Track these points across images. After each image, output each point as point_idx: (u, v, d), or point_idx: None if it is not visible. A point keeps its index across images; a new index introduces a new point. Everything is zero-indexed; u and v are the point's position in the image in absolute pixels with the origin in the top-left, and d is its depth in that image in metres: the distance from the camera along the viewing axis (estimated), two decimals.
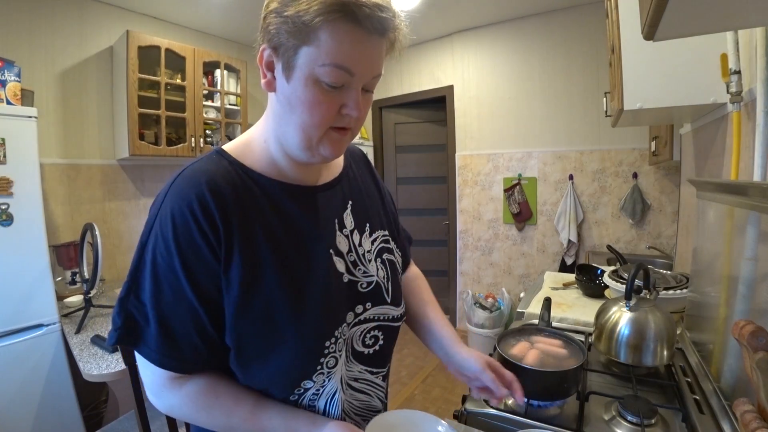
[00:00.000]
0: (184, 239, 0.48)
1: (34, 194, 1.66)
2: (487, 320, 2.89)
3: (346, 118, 0.51)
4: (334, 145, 0.53)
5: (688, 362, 0.98)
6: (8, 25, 1.99)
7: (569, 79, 2.79)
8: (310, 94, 0.48)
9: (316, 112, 0.49)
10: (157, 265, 0.49)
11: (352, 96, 0.49)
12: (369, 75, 0.50)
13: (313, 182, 0.61)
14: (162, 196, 0.51)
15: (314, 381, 0.56)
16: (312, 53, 0.46)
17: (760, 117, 0.86)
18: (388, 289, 0.65)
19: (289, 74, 0.48)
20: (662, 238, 2.56)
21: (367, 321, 0.62)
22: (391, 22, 0.47)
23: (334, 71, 0.47)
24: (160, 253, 0.49)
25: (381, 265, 0.66)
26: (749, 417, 0.48)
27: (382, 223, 0.70)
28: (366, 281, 0.63)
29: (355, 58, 0.47)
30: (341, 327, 0.58)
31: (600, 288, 1.52)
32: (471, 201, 3.29)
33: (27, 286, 1.65)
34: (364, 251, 0.64)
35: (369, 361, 0.64)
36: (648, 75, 1.13)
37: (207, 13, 2.61)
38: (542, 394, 0.80)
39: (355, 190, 0.68)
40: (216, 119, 2.67)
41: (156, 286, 0.49)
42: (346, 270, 0.60)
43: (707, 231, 0.99)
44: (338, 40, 0.45)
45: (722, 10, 0.50)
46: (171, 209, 0.49)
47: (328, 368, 0.56)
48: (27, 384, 1.64)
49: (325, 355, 0.55)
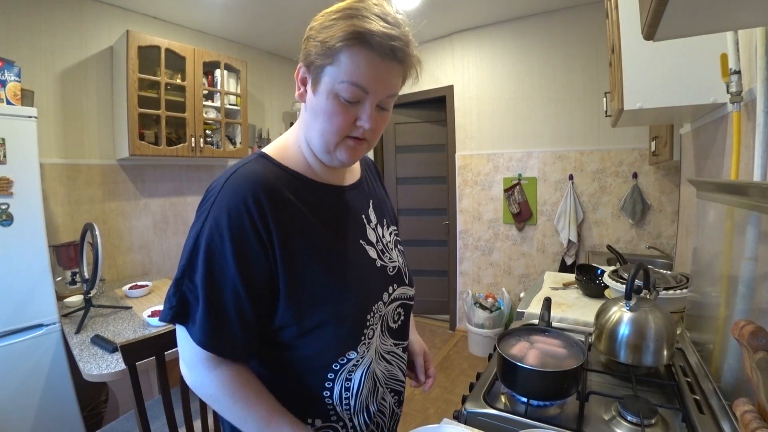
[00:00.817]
0: (238, 230, 0.55)
1: (34, 194, 1.66)
2: (487, 320, 2.89)
3: (360, 129, 0.59)
4: (349, 151, 0.61)
5: (688, 362, 0.99)
6: (8, 25, 1.99)
7: (569, 79, 2.79)
8: (330, 106, 0.57)
9: (335, 121, 0.58)
10: (211, 251, 0.55)
11: (365, 110, 0.58)
12: (382, 93, 0.58)
13: (339, 183, 0.71)
14: (216, 191, 0.57)
15: (358, 352, 0.64)
16: (334, 72, 0.56)
17: (760, 117, 0.87)
18: (405, 272, 0.76)
19: (316, 88, 0.58)
20: (662, 238, 2.56)
21: (395, 300, 0.72)
22: (401, 50, 0.56)
23: (350, 88, 0.56)
24: (214, 240, 0.55)
25: (399, 254, 0.77)
26: (749, 417, 0.48)
27: (392, 220, 0.82)
28: (392, 266, 0.73)
29: (368, 78, 0.56)
30: (378, 304, 0.67)
31: (600, 288, 1.52)
32: (471, 201, 3.29)
33: (27, 286, 1.65)
34: (387, 241, 0.75)
35: (396, 335, 0.73)
36: (648, 75, 1.13)
37: (207, 13, 2.61)
38: (542, 394, 0.80)
39: (372, 192, 0.79)
40: (216, 119, 2.67)
41: (208, 270, 0.55)
42: (377, 257, 0.71)
43: (707, 231, 0.99)
44: (355, 62, 0.54)
45: (722, 10, 0.50)
46: (227, 203, 0.55)
47: (368, 339, 0.65)
48: (27, 384, 1.64)
49: (367, 327, 0.65)
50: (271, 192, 0.58)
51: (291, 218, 0.59)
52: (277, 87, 3.47)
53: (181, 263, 0.57)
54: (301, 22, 0.67)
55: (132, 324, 1.69)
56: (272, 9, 2.58)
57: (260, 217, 0.56)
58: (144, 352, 1.05)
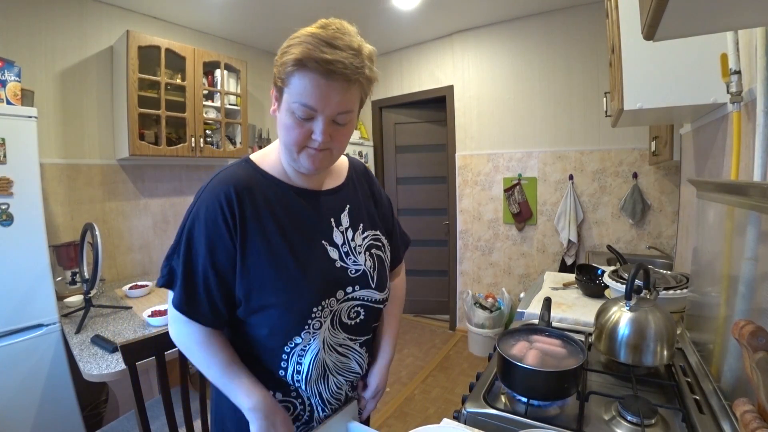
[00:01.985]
0: (212, 221, 0.67)
1: (34, 194, 1.66)
2: (487, 320, 2.89)
3: (315, 142, 0.67)
4: (310, 159, 0.69)
5: (688, 362, 0.99)
6: (8, 25, 1.99)
7: (569, 79, 2.79)
8: (288, 121, 0.66)
9: (291, 135, 0.67)
10: (191, 236, 0.68)
11: (318, 126, 0.65)
12: (333, 111, 0.64)
13: (317, 188, 0.79)
14: (202, 190, 0.70)
15: (302, 338, 0.73)
16: (289, 93, 0.64)
17: (760, 117, 0.86)
18: (373, 276, 0.81)
19: (279, 105, 0.68)
20: (662, 238, 2.56)
21: (354, 299, 0.79)
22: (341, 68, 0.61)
23: (300, 107, 0.63)
24: (196, 228, 0.68)
25: (369, 258, 0.82)
26: (749, 417, 0.48)
27: (374, 225, 0.87)
28: (355, 269, 0.79)
29: (316, 98, 0.62)
30: (329, 300, 0.74)
31: (600, 288, 1.52)
32: (471, 201, 3.29)
33: (27, 286, 1.65)
34: (356, 245, 0.81)
35: (351, 331, 0.80)
36: (648, 75, 1.13)
37: (207, 13, 2.61)
38: (542, 394, 0.80)
39: (353, 197, 0.85)
40: (216, 119, 2.67)
41: (187, 251, 0.68)
42: (339, 258, 0.77)
43: (707, 231, 0.99)
44: (302, 84, 0.62)
45: (722, 10, 0.50)
46: (206, 200, 0.68)
47: (313, 329, 0.73)
48: (27, 384, 1.64)
49: (312, 318, 0.72)
50: (243, 192, 0.70)
51: (256, 214, 0.70)
52: None
53: (173, 243, 0.70)
54: (301, 22, 0.67)
55: (132, 324, 1.69)
56: (272, 9, 2.59)
57: (230, 212, 0.67)
58: (144, 352, 1.05)
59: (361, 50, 0.64)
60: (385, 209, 0.93)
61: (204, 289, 0.69)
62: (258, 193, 0.71)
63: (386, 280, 0.85)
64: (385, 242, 0.88)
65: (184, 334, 0.73)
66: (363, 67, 0.64)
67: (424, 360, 2.96)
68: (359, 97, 0.68)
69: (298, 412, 0.78)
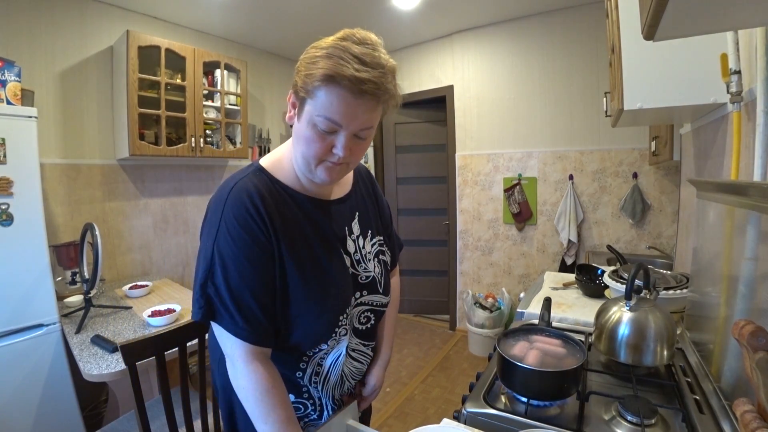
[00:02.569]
0: (248, 234, 0.65)
1: (34, 194, 1.66)
2: (487, 320, 2.89)
3: (335, 156, 0.66)
4: (328, 172, 0.69)
5: (688, 362, 0.99)
6: (8, 25, 1.99)
7: (569, 79, 2.79)
8: (309, 134, 0.65)
9: (311, 148, 0.66)
10: (226, 254, 0.65)
11: (340, 140, 0.65)
12: (356, 127, 0.64)
13: (328, 197, 0.79)
14: (222, 204, 0.67)
15: (328, 344, 0.76)
16: (312, 105, 0.63)
17: (760, 117, 0.86)
18: (380, 282, 0.85)
19: (300, 115, 0.66)
20: (662, 238, 2.56)
21: (363, 304, 0.82)
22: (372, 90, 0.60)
23: (325, 122, 0.63)
24: (228, 246, 0.65)
25: (377, 264, 0.85)
26: (749, 417, 0.48)
27: (379, 230, 0.89)
28: (365, 275, 0.81)
29: (341, 113, 0.62)
30: (350, 307, 0.77)
31: (600, 288, 1.52)
32: (471, 201, 3.29)
33: (27, 286, 1.64)
34: (366, 252, 0.83)
35: (363, 335, 0.83)
36: (648, 75, 1.13)
37: (207, 13, 2.61)
38: (542, 394, 0.80)
39: (361, 204, 0.87)
40: (216, 119, 2.67)
41: (226, 270, 0.65)
42: (351, 265, 0.79)
43: (707, 231, 0.99)
44: (329, 100, 0.61)
45: (722, 10, 0.50)
46: (233, 213, 0.65)
47: (340, 336, 0.77)
48: (27, 384, 1.64)
49: (339, 326, 0.76)
50: (269, 203, 0.68)
51: (283, 226, 0.69)
52: (277, 87, 3.47)
53: (203, 268, 0.66)
54: (301, 22, 0.68)
55: (132, 324, 1.69)
56: (272, 9, 2.58)
57: (262, 223, 0.66)
58: (144, 352, 1.05)
59: (387, 67, 0.63)
60: (385, 213, 0.94)
61: (260, 309, 0.66)
62: (281, 204, 0.71)
63: (390, 285, 0.89)
64: (387, 247, 0.91)
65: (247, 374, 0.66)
66: (391, 86, 0.63)
67: (424, 360, 2.96)
68: (381, 112, 0.67)
69: (308, 411, 0.81)
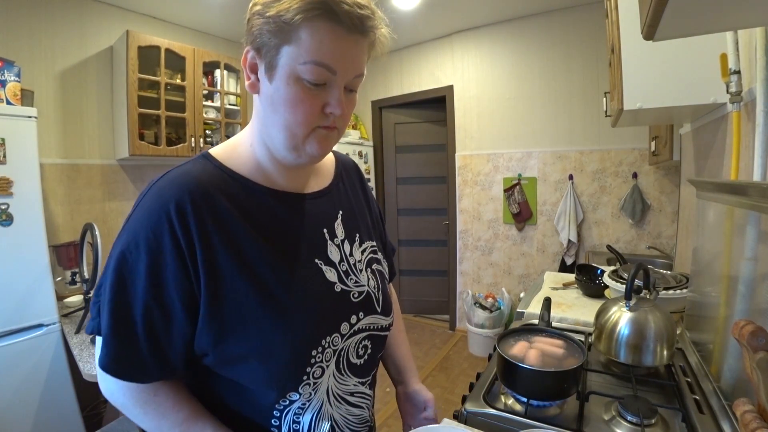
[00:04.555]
0: (154, 241, 0.47)
1: (34, 194, 1.66)
2: (487, 320, 2.89)
3: (330, 117, 0.51)
4: (321, 142, 0.52)
5: (688, 362, 0.99)
6: (8, 25, 1.99)
7: (569, 79, 2.79)
8: (292, 93, 0.48)
9: (300, 111, 0.49)
10: (124, 263, 0.48)
11: (334, 95, 0.50)
12: (351, 73, 0.50)
13: (301, 190, 0.61)
14: (142, 195, 0.51)
15: (300, 393, 0.54)
16: (293, 52, 0.47)
17: (760, 117, 0.86)
18: (378, 299, 0.65)
19: (272, 74, 0.49)
20: (662, 238, 2.56)
21: (360, 331, 0.61)
22: (370, 20, 0.48)
23: (315, 69, 0.47)
24: (129, 251, 0.48)
25: (371, 275, 0.65)
26: (749, 417, 0.48)
27: (370, 234, 0.70)
28: (358, 291, 0.61)
29: (335, 55, 0.47)
30: (331, 337, 0.56)
31: (600, 288, 1.52)
32: (471, 201, 3.29)
33: (27, 286, 1.64)
34: (355, 261, 0.63)
35: (360, 372, 0.62)
36: (648, 75, 1.13)
37: (207, 13, 2.61)
38: (542, 394, 0.80)
39: (345, 201, 0.68)
40: (216, 119, 2.67)
41: (118, 284, 0.48)
42: (338, 279, 0.59)
43: (707, 231, 0.99)
44: (318, 38, 0.46)
45: (722, 10, 0.50)
46: (148, 210, 0.49)
47: (314, 378, 0.54)
48: (27, 384, 1.64)
49: (312, 365, 0.53)
50: (201, 198, 0.50)
51: (222, 230, 0.50)
52: None
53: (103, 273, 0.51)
54: None
55: None
56: None
57: (182, 228, 0.47)
58: None
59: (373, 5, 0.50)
60: (375, 213, 0.77)
61: (148, 338, 0.48)
62: (223, 199, 0.51)
63: (390, 301, 0.69)
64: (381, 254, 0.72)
65: (121, 389, 0.52)
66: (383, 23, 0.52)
67: (424, 360, 2.96)
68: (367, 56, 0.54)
69: None
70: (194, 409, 0.54)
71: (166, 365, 0.51)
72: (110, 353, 0.48)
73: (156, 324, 0.48)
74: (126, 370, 0.49)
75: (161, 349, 0.49)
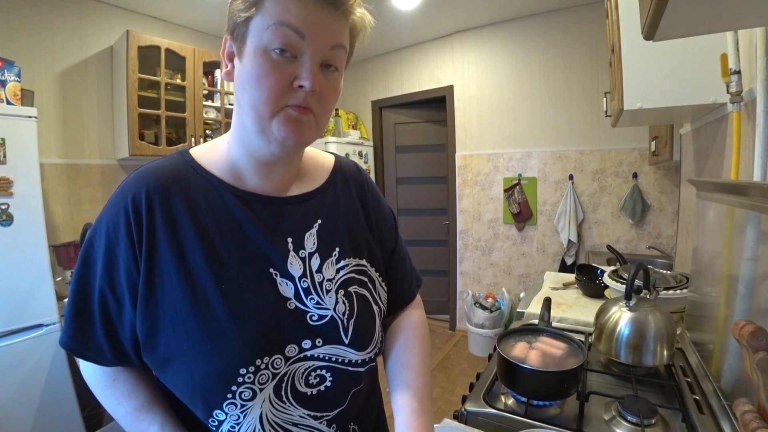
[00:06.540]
0: (112, 230, 0.49)
1: (34, 194, 1.66)
2: (487, 320, 2.89)
3: (301, 93, 0.46)
4: (290, 124, 0.47)
5: (688, 362, 0.99)
6: (8, 25, 1.99)
7: (569, 79, 2.79)
8: (258, 66, 0.45)
9: (265, 84, 0.45)
10: (89, 249, 0.51)
11: (305, 65, 0.45)
12: (323, 42, 0.46)
13: (276, 193, 0.56)
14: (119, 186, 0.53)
15: (225, 412, 0.49)
16: (259, 21, 0.45)
17: (760, 117, 0.86)
18: (347, 328, 0.55)
19: (241, 52, 0.47)
20: (662, 238, 2.56)
21: (315, 359, 0.53)
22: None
23: (280, 29, 0.44)
24: (96, 237, 0.51)
25: (343, 299, 0.56)
26: (749, 417, 0.48)
27: (358, 252, 0.60)
28: (318, 313, 0.54)
29: (302, 18, 0.44)
30: (270, 358, 0.50)
31: (600, 288, 1.52)
32: (471, 201, 3.29)
33: (27, 286, 1.65)
34: (323, 279, 0.55)
35: (311, 404, 0.53)
36: (648, 75, 1.13)
37: (207, 13, 2.61)
38: (542, 394, 0.80)
39: (330, 210, 0.60)
40: (216, 119, 2.67)
41: (82, 268, 0.51)
42: (294, 296, 0.53)
43: (707, 231, 0.99)
44: (283, 2, 0.44)
45: (722, 10, 0.50)
46: (114, 200, 0.51)
47: (242, 400, 0.49)
48: (27, 384, 1.64)
49: (239, 384, 0.48)
50: (156, 194, 0.49)
51: (170, 228, 0.49)
52: None
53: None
54: None
55: None
56: None
57: (135, 221, 0.48)
58: None
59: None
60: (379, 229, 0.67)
61: (101, 319, 0.50)
62: (181, 196, 0.50)
63: (372, 334, 0.58)
64: (376, 276, 0.62)
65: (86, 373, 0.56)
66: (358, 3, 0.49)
67: None
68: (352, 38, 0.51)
69: None
70: (150, 398, 0.54)
71: (120, 352, 0.52)
72: (68, 330, 0.51)
73: (110, 309, 0.50)
74: (81, 349, 0.51)
75: (116, 334, 0.51)
